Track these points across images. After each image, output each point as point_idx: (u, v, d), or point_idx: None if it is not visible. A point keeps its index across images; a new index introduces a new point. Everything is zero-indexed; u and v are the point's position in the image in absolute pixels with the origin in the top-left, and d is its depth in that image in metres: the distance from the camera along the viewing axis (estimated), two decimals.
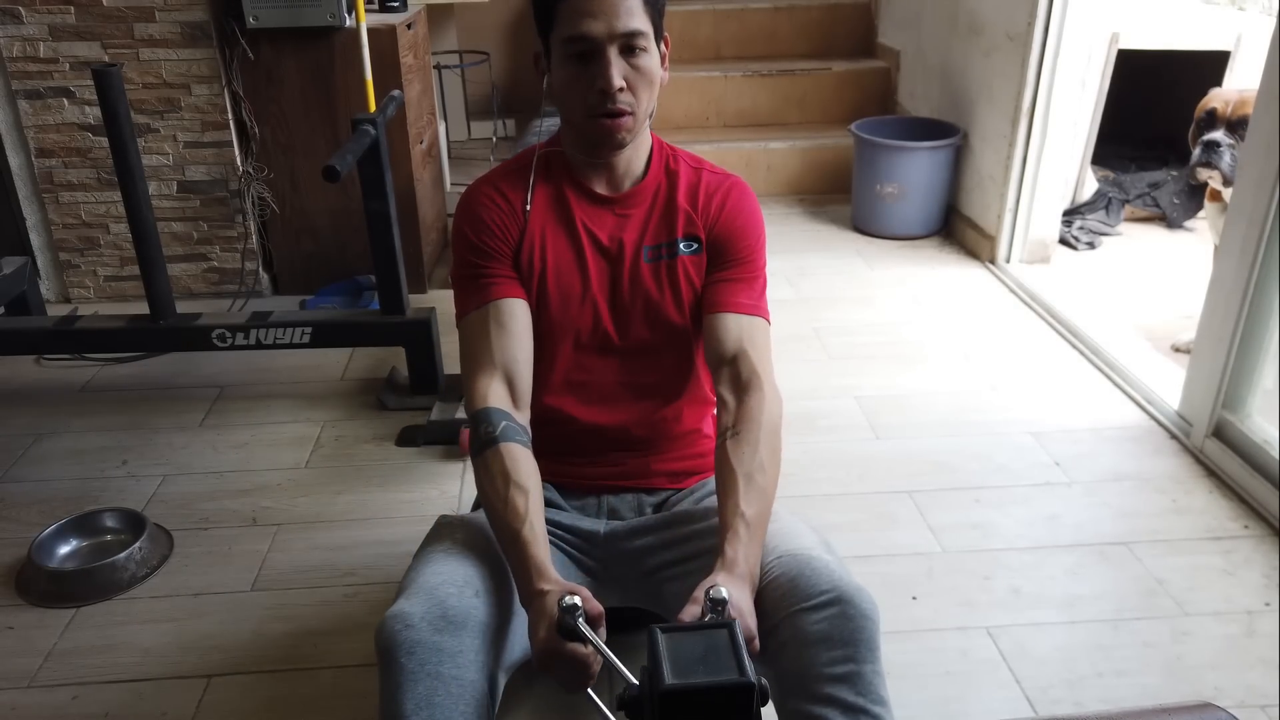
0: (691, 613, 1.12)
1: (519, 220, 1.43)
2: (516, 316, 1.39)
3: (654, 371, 1.48)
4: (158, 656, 1.72)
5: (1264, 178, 2.03)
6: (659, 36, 1.36)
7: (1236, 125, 2.46)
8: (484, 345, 1.38)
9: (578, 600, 1.12)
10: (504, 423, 1.33)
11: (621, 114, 1.33)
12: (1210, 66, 3.54)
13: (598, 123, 1.35)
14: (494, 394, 1.35)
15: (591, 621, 1.13)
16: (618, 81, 1.31)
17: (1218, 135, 2.47)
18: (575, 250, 1.44)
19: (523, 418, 1.37)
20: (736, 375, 1.38)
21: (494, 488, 1.29)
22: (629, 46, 1.31)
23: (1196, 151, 2.51)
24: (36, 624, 1.80)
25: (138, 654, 1.72)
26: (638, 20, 1.31)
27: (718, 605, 1.10)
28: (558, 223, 1.44)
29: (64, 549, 1.97)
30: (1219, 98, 2.53)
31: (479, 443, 1.33)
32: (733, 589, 1.15)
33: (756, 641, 1.16)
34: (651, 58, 1.34)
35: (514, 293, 1.41)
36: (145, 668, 1.69)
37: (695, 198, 1.47)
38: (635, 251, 1.44)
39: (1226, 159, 2.46)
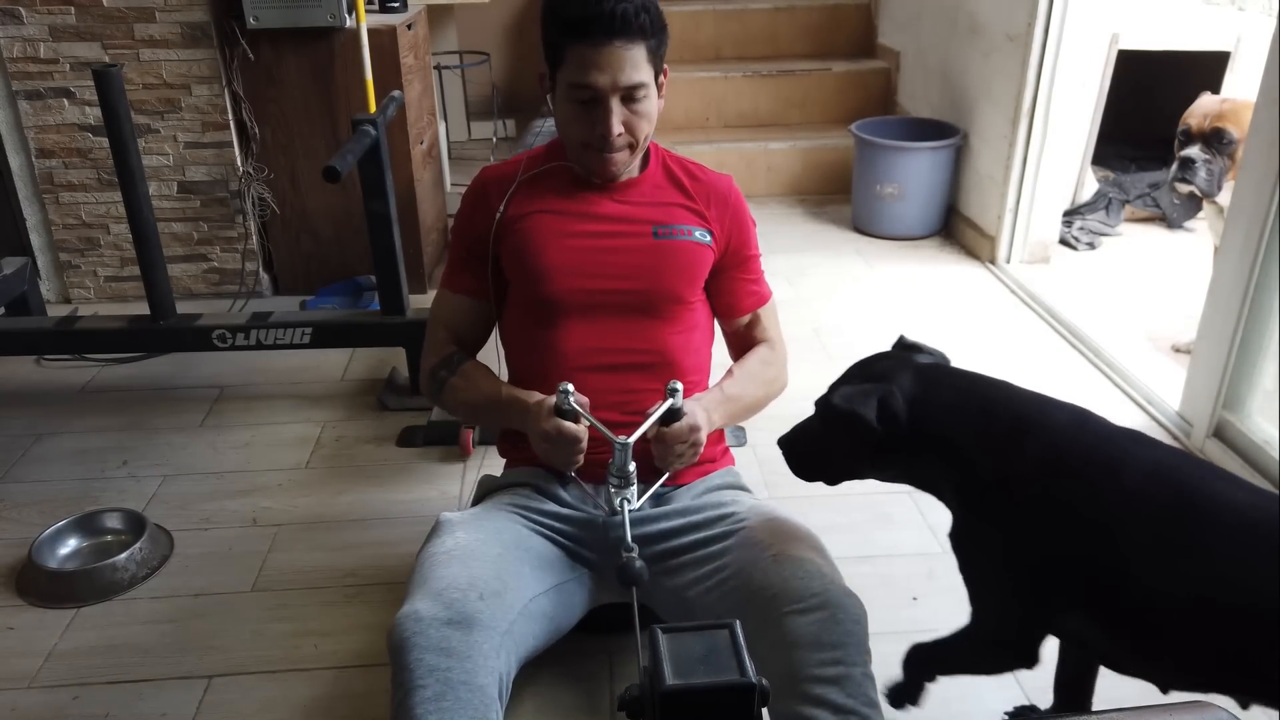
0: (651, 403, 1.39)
1: (493, 213, 1.56)
2: (473, 312, 1.63)
3: (650, 351, 1.54)
4: (158, 657, 1.72)
5: (1264, 178, 2.04)
6: (659, 74, 1.47)
7: (1212, 139, 2.47)
8: (446, 317, 1.64)
9: (569, 386, 1.38)
10: (457, 356, 1.60)
11: (618, 151, 1.46)
12: (1210, 66, 3.54)
13: (594, 155, 1.47)
14: (448, 347, 1.61)
15: (579, 404, 1.39)
16: (617, 129, 1.42)
17: (1192, 152, 2.49)
18: (572, 229, 1.53)
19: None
20: (752, 336, 1.66)
21: (464, 389, 1.56)
22: (630, 96, 1.42)
23: (1174, 167, 2.53)
24: (37, 624, 1.80)
25: (138, 654, 1.72)
26: (641, 74, 1.41)
27: (672, 392, 1.39)
28: (555, 207, 1.54)
29: (64, 549, 1.97)
30: (1197, 112, 2.54)
31: (438, 382, 1.59)
32: (690, 403, 1.43)
33: (703, 434, 1.43)
34: (650, 102, 1.45)
35: (477, 292, 1.61)
36: (146, 668, 1.69)
37: (704, 198, 1.58)
38: (641, 228, 1.53)
39: (1201, 175, 2.48)
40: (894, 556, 1.95)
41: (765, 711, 1.20)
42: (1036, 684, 1.62)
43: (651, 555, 1.43)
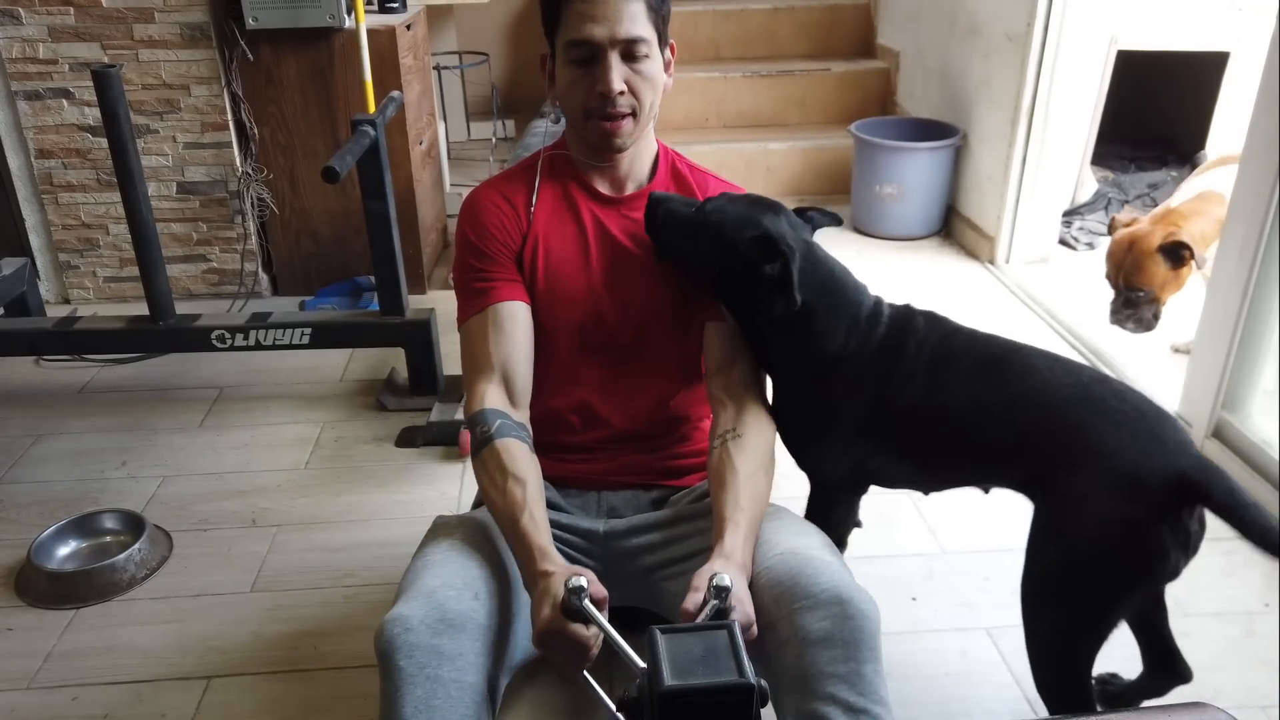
0: (694, 599, 1.13)
1: (521, 224, 1.45)
2: (516, 319, 1.41)
3: (657, 369, 1.49)
4: (157, 658, 1.72)
5: (1264, 178, 2.03)
6: (663, 43, 1.39)
7: (1128, 294, 2.48)
8: (482, 349, 1.39)
9: (583, 581, 1.13)
10: (499, 421, 1.34)
11: (620, 116, 1.36)
12: (1209, 67, 3.54)
13: (596, 124, 1.37)
14: (490, 396, 1.37)
15: (595, 604, 1.13)
16: (617, 85, 1.33)
17: (1117, 310, 2.52)
18: (580, 249, 1.45)
19: (520, 415, 1.39)
20: (732, 381, 1.42)
21: (492, 482, 1.31)
22: (631, 53, 1.33)
23: (1109, 314, 2.57)
24: (36, 625, 1.80)
25: (137, 655, 1.72)
26: (640, 27, 1.33)
27: (721, 592, 1.11)
28: (563, 222, 1.46)
29: (63, 550, 1.97)
30: (1111, 260, 2.52)
31: (476, 443, 1.34)
32: (732, 577, 1.15)
33: (755, 629, 1.18)
34: (654, 63, 1.37)
35: (514, 295, 1.42)
36: (145, 669, 1.69)
37: None
38: (645, 251, 1.45)
39: (1130, 325, 2.51)
40: (893, 556, 1.95)
41: (771, 710, 1.20)
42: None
43: (655, 562, 1.42)
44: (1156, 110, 3.93)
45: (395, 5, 2.99)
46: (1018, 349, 1.41)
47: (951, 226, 3.60)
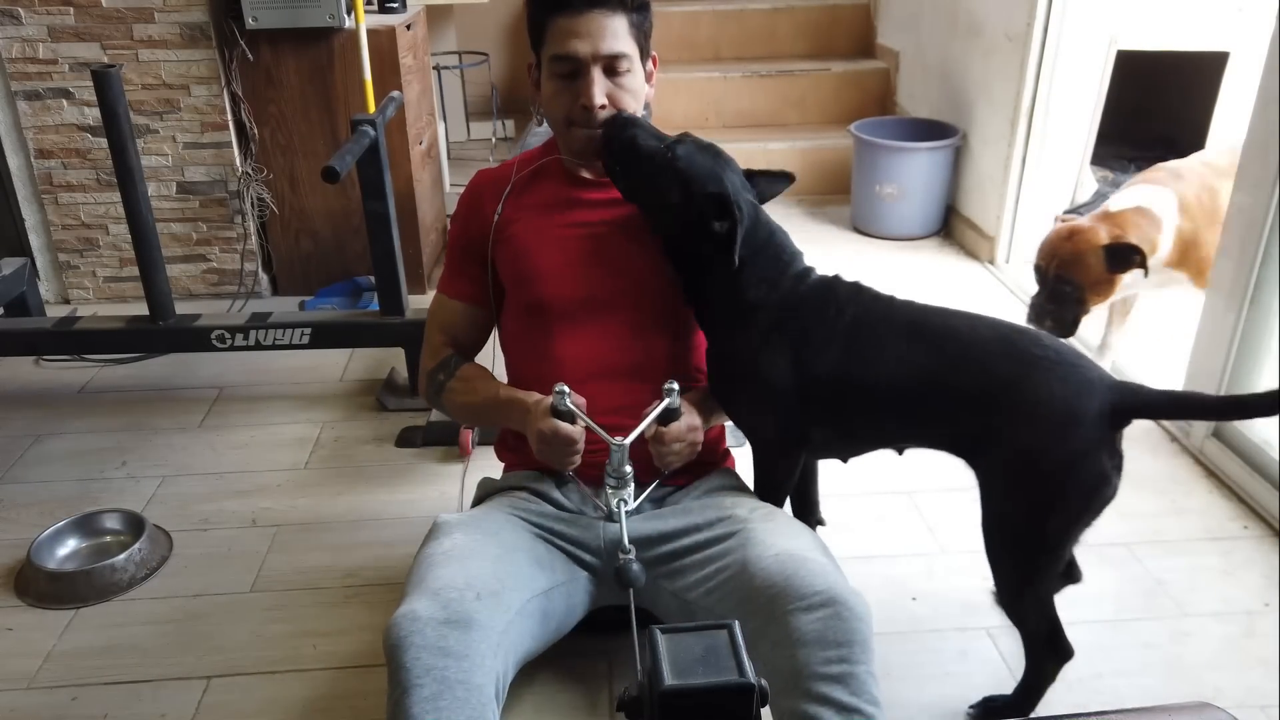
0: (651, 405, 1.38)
1: (486, 217, 1.56)
2: (469, 317, 1.63)
3: (647, 354, 1.53)
4: (157, 658, 1.72)
5: (1264, 178, 2.03)
6: (645, 56, 1.46)
7: (1054, 286, 2.33)
8: (442, 318, 1.64)
9: (565, 387, 1.35)
10: (454, 359, 1.59)
11: (602, 126, 1.44)
12: (1209, 67, 3.54)
13: (578, 133, 1.46)
14: (445, 351, 1.61)
15: (576, 405, 1.37)
16: (599, 99, 1.41)
17: (1038, 302, 2.39)
18: (564, 230, 1.52)
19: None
20: None
21: (463, 393, 1.55)
22: (613, 68, 1.41)
23: (1028, 311, 2.46)
24: (36, 625, 1.80)
25: (137, 655, 1.72)
26: (622, 44, 1.41)
27: (669, 392, 1.39)
28: (545, 207, 1.54)
29: (63, 550, 1.97)
30: (1046, 247, 2.38)
31: (437, 386, 1.55)
32: (686, 400, 1.42)
33: (699, 434, 1.44)
34: (635, 77, 1.44)
35: (474, 297, 1.61)
36: (145, 669, 1.69)
37: None
38: (632, 228, 1.51)
39: (1049, 324, 2.37)
40: (893, 556, 1.95)
41: (767, 710, 1.20)
42: None
43: (652, 558, 1.43)
44: (1156, 110, 3.93)
45: (395, 5, 2.99)
46: (936, 313, 1.48)
47: (951, 226, 3.60)
